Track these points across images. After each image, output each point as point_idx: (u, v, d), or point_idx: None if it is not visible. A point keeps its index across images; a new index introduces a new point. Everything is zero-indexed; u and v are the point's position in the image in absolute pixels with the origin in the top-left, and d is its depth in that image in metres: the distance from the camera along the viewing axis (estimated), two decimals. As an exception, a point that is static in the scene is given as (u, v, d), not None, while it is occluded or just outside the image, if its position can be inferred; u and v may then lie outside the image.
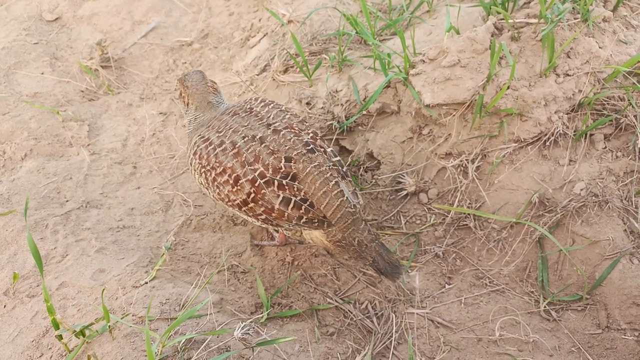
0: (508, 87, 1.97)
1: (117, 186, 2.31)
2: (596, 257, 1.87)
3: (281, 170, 1.65)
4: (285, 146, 1.69)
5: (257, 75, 2.73)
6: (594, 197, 1.90)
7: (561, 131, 1.98)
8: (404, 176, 2.15)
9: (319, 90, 2.51)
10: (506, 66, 2.02)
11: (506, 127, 2.02)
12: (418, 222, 2.12)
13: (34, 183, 2.21)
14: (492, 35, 2.09)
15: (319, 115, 2.45)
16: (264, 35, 2.99)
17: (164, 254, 1.87)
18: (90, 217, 2.11)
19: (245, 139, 1.70)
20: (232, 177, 1.67)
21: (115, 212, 2.17)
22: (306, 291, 1.91)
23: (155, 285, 1.75)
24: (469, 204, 2.06)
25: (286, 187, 1.65)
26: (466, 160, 2.06)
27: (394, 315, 1.80)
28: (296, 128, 1.75)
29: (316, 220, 1.67)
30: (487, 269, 1.97)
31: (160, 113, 2.70)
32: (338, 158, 1.79)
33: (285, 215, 1.66)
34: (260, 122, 1.76)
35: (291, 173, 1.66)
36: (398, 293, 1.89)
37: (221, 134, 1.75)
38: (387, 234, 2.13)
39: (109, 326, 1.51)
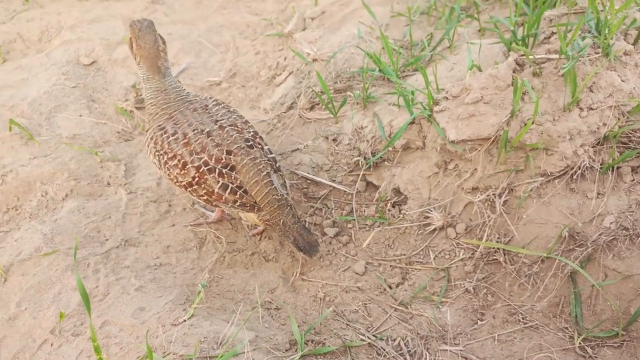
0: (532, 122, 2.00)
1: (153, 224, 2.39)
2: (630, 291, 1.86)
3: (222, 161, 1.96)
4: (228, 140, 2.00)
5: (284, 112, 2.83)
6: (624, 231, 1.90)
7: (588, 165, 2.00)
8: (431, 211, 2.19)
9: (344, 126, 2.59)
10: (529, 102, 2.06)
11: (532, 161, 2.04)
12: (447, 256, 2.14)
13: (75, 223, 2.32)
14: (513, 71, 2.14)
15: (346, 151, 2.52)
16: (290, 74, 3.10)
17: (200, 291, 1.93)
18: (128, 255, 2.19)
19: (195, 132, 2.00)
20: (181, 162, 1.98)
21: (152, 250, 2.25)
22: (338, 328, 1.94)
23: (193, 324, 1.80)
24: (498, 238, 2.08)
25: (225, 175, 1.96)
26: (493, 194, 2.09)
27: (427, 353, 1.82)
28: (239, 126, 2.07)
29: (248, 205, 1.99)
30: (519, 305, 1.97)
31: (192, 151, 2.81)
32: (273, 155, 2.12)
33: (223, 199, 1.98)
34: (210, 119, 2.05)
35: (230, 164, 1.97)
36: (430, 329, 1.91)
37: (177, 125, 2.04)
38: (416, 268, 2.15)
39: (152, 365, 1.56)
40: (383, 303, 2.03)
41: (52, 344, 1.79)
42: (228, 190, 1.96)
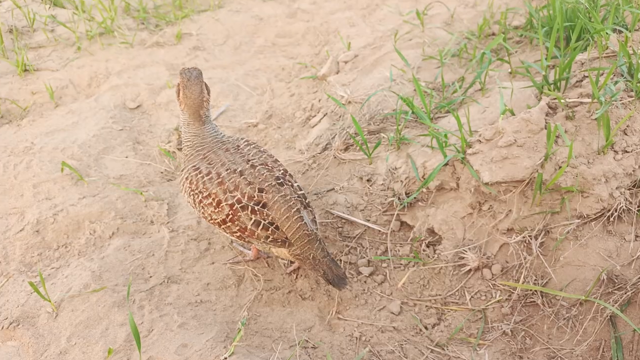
0: (567, 165, 2.03)
1: (193, 262, 2.48)
2: (674, 337, 1.83)
3: (254, 198, 2.04)
4: (259, 179, 2.08)
5: (319, 153, 2.92)
6: (665, 275, 1.88)
7: (624, 207, 2.00)
8: (466, 251, 2.21)
9: (378, 167, 2.66)
10: (563, 145, 2.09)
11: (568, 203, 2.06)
12: (483, 297, 2.14)
13: (121, 260, 2.43)
14: (546, 115, 2.18)
15: (380, 191, 2.58)
16: (324, 115, 3.22)
17: (240, 329, 1.99)
18: (171, 292, 2.28)
19: (228, 171, 2.09)
20: (215, 200, 2.07)
21: (193, 287, 2.33)
22: (375, 368, 1.95)
23: (234, 361, 1.86)
24: (535, 280, 2.07)
25: (257, 212, 2.03)
26: (529, 236, 2.10)
27: (465, 396, 1.81)
28: (270, 165, 2.15)
29: (279, 240, 2.05)
30: (558, 348, 1.95)
31: (231, 191, 2.92)
32: (303, 192, 2.18)
33: (256, 234, 2.05)
34: (242, 158, 2.14)
35: (262, 201, 2.04)
36: (468, 372, 1.90)
37: (211, 165, 2.13)
38: (452, 309, 2.16)
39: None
40: (419, 344, 2.04)
41: (100, 379, 1.88)
42: (260, 227, 2.02)
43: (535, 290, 2.06)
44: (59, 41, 4.17)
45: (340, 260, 2.41)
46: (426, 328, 2.11)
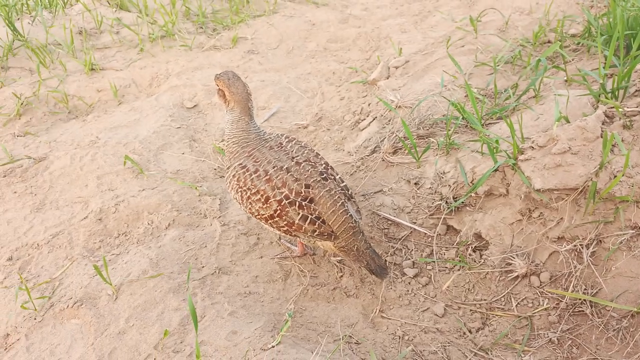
0: (622, 175, 1.99)
1: (243, 255, 2.59)
2: None
3: (301, 194, 2.10)
4: (305, 175, 2.13)
5: (368, 155, 2.97)
6: None
7: (683, 219, 1.94)
8: (513, 258, 2.20)
9: (426, 171, 2.68)
10: (619, 154, 2.05)
11: (622, 213, 2.02)
12: (530, 305, 2.13)
13: (176, 250, 2.57)
14: (602, 123, 2.15)
15: (427, 195, 2.60)
16: (374, 119, 3.27)
17: (287, 320, 2.06)
18: (222, 282, 2.39)
19: (275, 169, 2.14)
20: (264, 197, 2.13)
21: (242, 279, 2.43)
22: (418, 367, 1.98)
23: (281, 350, 1.93)
24: (585, 289, 2.04)
25: (304, 207, 2.09)
26: (580, 245, 2.07)
27: (508, 400, 1.80)
28: (312, 160, 2.21)
29: (326, 234, 2.12)
30: (606, 359, 1.91)
31: (280, 189, 3.01)
32: (345, 183, 2.23)
33: (303, 229, 2.12)
34: (287, 156, 2.19)
35: (309, 197, 2.11)
36: (512, 377, 1.89)
37: (257, 163, 2.19)
38: (497, 314, 2.15)
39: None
40: (463, 347, 2.04)
41: (155, 359, 1.99)
42: (307, 221, 2.09)
43: (585, 300, 2.02)
44: (123, 43, 4.43)
45: (385, 261, 2.45)
46: (470, 332, 2.12)
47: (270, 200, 2.11)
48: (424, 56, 3.76)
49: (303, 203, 2.09)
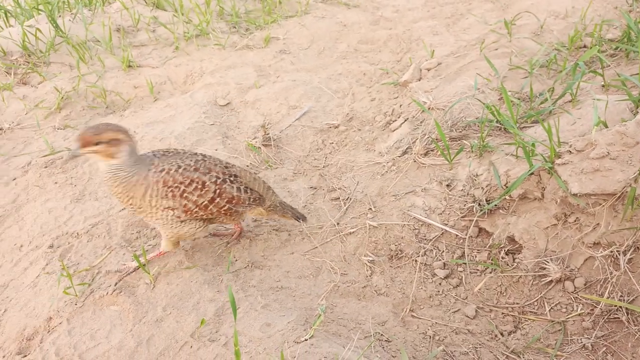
0: (663, 181, 1.97)
1: (274, 250, 2.63)
2: None
3: (227, 173, 2.32)
4: (214, 162, 2.32)
5: (399, 156, 2.99)
6: None
7: None
8: (547, 262, 2.19)
9: (458, 173, 2.68)
10: (660, 160, 2.03)
11: (662, 220, 1.99)
12: (563, 310, 2.11)
13: (210, 243, 2.63)
14: (643, 129, 2.12)
15: (459, 196, 2.60)
16: (405, 120, 3.28)
17: (320, 315, 2.09)
18: (254, 276, 2.43)
19: (194, 162, 2.25)
20: (200, 183, 2.22)
21: (274, 274, 2.47)
22: (449, 367, 1.99)
23: (314, 343, 1.96)
24: (621, 296, 2.02)
25: (235, 182, 2.32)
26: (617, 251, 2.05)
27: (541, 403, 1.80)
28: (200, 157, 2.32)
29: (258, 198, 2.39)
30: (643, 368, 1.89)
31: (311, 187, 3.05)
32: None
33: (242, 199, 2.33)
34: (187, 155, 2.28)
35: (233, 173, 2.35)
36: (546, 380, 1.89)
37: (172, 164, 2.21)
38: (529, 318, 2.15)
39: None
40: (494, 349, 2.04)
41: (191, 346, 2.04)
42: (243, 191, 2.33)
43: (621, 307, 2.00)
44: (159, 41, 4.53)
45: (416, 261, 2.46)
46: (502, 334, 2.12)
47: (207, 184, 2.24)
48: (456, 59, 3.76)
49: (232, 179, 2.32)
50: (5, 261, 2.68)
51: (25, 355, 2.16)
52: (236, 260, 2.52)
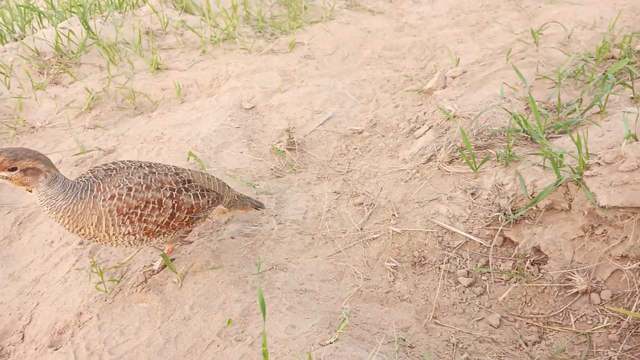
0: (695, 196, 1.95)
1: (298, 253, 2.67)
2: None
3: (179, 181, 2.20)
4: (163, 171, 2.20)
5: (423, 164, 3.00)
6: None
7: None
8: (574, 274, 2.18)
9: (483, 182, 2.69)
10: (692, 174, 2.01)
11: (692, 235, 1.98)
12: (589, 322, 2.11)
13: (235, 244, 2.67)
14: (674, 143, 2.11)
15: (484, 205, 2.61)
16: (429, 128, 3.29)
17: (344, 319, 2.12)
18: (279, 278, 2.47)
19: (143, 177, 2.10)
20: (156, 202, 2.10)
21: (298, 276, 2.50)
22: (473, 375, 2.00)
23: (338, 347, 1.99)
24: (649, 310, 2.01)
25: (190, 188, 2.22)
26: (645, 264, 2.04)
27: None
28: (145, 167, 2.20)
29: (216, 198, 2.34)
30: (671, 383, 1.87)
31: (334, 192, 3.08)
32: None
33: (201, 205, 2.26)
34: (132, 171, 2.12)
35: (185, 179, 2.24)
36: (571, 392, 1.88)
37: (119, 186, 2.04)
38: (554, 329, 2.14)
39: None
40: (518, 359, 2.04)
41: (218, 345, 2.09)
42: (200, 197, 2.25)
43: (649, 321, 1.99)
44: (186, 44, 4.62)
45: (439, 269, 2.47)
46: (526, 344, 2.11)
47: (163, 201, 2.11)
48: (481, 67, 3.76)
49: (186, 186, 2.21)
50: (37, 256, 2.77)
51: (57, 349, 2.23)
52: (260, 262, 2.56)
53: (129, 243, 2.15)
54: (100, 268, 2.54)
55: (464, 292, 2.38)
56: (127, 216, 2.05)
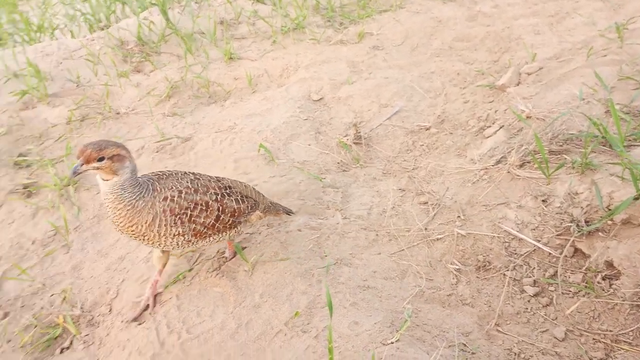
0: None
1: (362, 249, 2.74)
2: None
3: (222, 187, 2.39)
4: (206, 178, 2.39)
5: (492, 165, 2.96)
6: None
7: None
8: (648, 292, 2.12)
9: (556, 189, 2.62)
10: None
11: None
12: (662, 343, 2.05)
13: (302, 236, 2.79)
14: None
15: (555, 213, 2.55)
16: (500, 127, 3.22)
17: (407, 320, 2.18)
18: (343, 273, 2.56)
19: (191, 182, 2.31)
20: (204, 203, 2.28)
21: (362, 272, 2.59)
22: (534, 386, 2.01)
23: (400, 347, 2.06)
24: None
25: (232, 194, 2.41)
26: None
27: None
28: (191, 175, 2.38)
29: (254, 204, 2.50)
30: None
31: (399, 189, 3.11)
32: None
33: (242, 209, 2.43)
34: (180, 176, 2.33)
35: (227, 185, 2.43)
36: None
37: (172, 189, 2.23)
38: (622, 348, 2.10)
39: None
40: (584, 374, 2.03)
41: (285, 334, 2.22)
42: (242, 202, 2.42)
43: None
44: (258, 34, 4.74)
45: (504, 275, 2.47)
46: (592, 360, 2.09)
47: (210, 203, 2.30)
48: (559, 63, 3.61)
49: (228, 191, 2.40)
50: (122, 236, 3.02)
51: (140, 323, 2.46)
52: (325, 256, 2.67)
53: (177, 244, 2.28)
54: (177, 253, 2.75)
55: (529, 301, 2.36)
56: (178, 217, 2.21)
